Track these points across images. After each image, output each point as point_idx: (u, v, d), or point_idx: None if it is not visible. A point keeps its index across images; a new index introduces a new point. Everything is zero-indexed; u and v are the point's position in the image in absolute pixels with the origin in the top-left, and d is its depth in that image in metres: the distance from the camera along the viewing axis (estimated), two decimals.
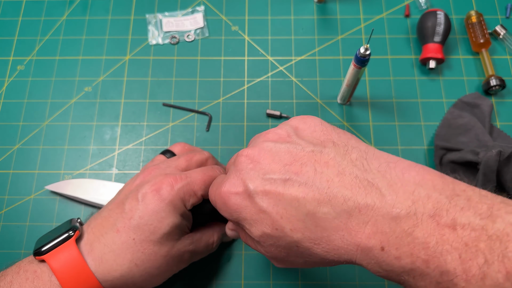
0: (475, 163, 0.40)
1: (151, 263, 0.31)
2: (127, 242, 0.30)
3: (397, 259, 0.21)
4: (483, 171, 0.38)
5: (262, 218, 0.25)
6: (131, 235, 0.30)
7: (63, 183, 0.43)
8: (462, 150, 0.41)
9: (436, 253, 0.20)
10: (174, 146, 0.40)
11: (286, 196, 0.24)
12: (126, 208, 0.31)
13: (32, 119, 0.47)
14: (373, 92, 0.48)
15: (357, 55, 0.37)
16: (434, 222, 0.20)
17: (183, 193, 0.32)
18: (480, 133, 0.42)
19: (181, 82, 0.49)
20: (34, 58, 0.50)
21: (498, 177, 0.39)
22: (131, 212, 0.31)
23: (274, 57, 0.50)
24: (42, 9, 0.53)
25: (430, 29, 0.47)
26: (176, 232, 0.32)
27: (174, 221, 0.31)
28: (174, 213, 0.31)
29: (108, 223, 0.31)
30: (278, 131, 0.28)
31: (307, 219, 0.23)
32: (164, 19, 0.52)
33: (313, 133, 0.27)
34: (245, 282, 0.40)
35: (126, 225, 0.30)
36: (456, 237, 0.19)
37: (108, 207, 0.33)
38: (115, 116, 0.47)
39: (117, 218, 0.31)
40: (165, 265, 0.32)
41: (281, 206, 0.24)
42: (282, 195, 0.24)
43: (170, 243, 0.32)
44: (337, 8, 0.52)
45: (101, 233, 0.31)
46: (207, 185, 0.33)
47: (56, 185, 0.43)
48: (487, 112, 0.45)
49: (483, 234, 0.19)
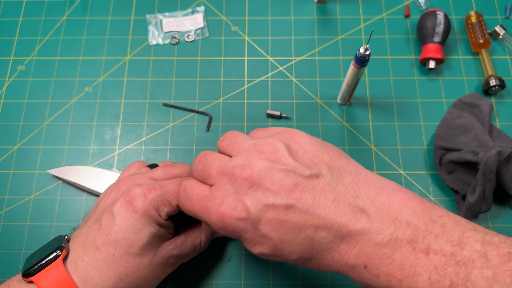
0: (474, 163, 0.40)
1: (135, 274, 0.31)
2: (108, 258, 0.30)
3: (376, 277, 0.24)
4: (483, 171, 0.38)
5: (263, 241, 0.26)
6: (110, 251, 0.30)
7: (65, 168, 0.43)
8: (462, 150, 0.42)
9: (409, 274, 0.23)
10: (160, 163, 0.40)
11: (288, 224, 0.25)
12: (103, 224, 0.31)
13: (32, 119, 0.47)
14: (373, 92, 0.48)
15: (357, 55, 0.37)
16: (411, 247, 0.23)
17: (157, 202, 0.31)
18: (479, 133, 0.43)
19: (181, 82, 0.49)
20: (35, 58, 0.50)
21: (498, 177, 0.39)
22: (108, 227, 0.31)
23: (274, 57, 0.50)
24: (42, 9, 0.53)
25: (429, 29, 0.47)
26: (156, 241, 0.32)
27: (151, 231, 0.31)
28: (150, 223, 0.31)
29: (88, 241, 0.31)
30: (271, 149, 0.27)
31: (304, 243, 0.25)
32: (164, 19, 0.52)
33: (306, 154, 0.28)
34: (245, 282, 0.40)
35: (104, 241, 0.30)
36: (428, 261, 0.22)
37: (87, 223, 0.32)
38: (115, 116, 0.47)
39: (95, 235, 0.31)
40: (150, 274, 0.32)
41: (282, 232, 0.26)
42: (284, 222, 0.25)
43: (151, 252, 0.32)
44: (337, 8, 0.52)
45: (83, 251, 0.30)
46: None
47: (58, 170, 0.43)
48: (487, 112, 0.45)
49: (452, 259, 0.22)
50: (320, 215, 0.25)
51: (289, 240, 0.26)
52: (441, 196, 0.43)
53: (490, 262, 0.21)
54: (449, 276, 0.21)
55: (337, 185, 0.26)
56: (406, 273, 0.23)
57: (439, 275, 0.22)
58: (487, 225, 0.42)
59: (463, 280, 0.21)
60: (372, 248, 0.24)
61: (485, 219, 0.42)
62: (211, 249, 0.41)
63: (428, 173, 0.44)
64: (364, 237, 0.24)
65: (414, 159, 0.45)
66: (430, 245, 0.23)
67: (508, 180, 0.39)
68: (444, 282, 0.21)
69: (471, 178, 0.41)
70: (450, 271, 0.22)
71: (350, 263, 0.25)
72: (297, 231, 0.25)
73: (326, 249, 0.25)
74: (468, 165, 0.41)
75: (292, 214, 0.25)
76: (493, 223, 0.42)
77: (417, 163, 0.45)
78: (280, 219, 0.25)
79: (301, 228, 0.25)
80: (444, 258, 0.22)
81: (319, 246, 0.25)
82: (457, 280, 0.21)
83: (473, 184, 0.40)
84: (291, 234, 0.25)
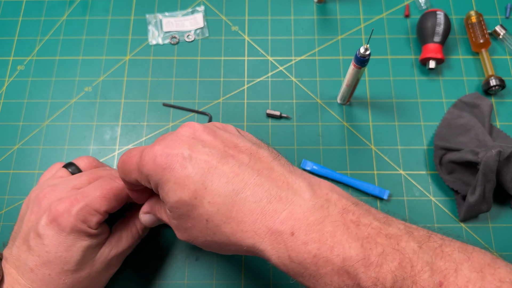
0: (475, 163, 0.40)
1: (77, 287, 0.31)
2: (45, 278, 0.29)
3: (304, 244, 0.22)
4: (483, 171, 0.38)
5: (186, 183, 0.24)
6: (45, 272, 0.29)
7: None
8: (462, 150, 0.42)
9: (342, 240, 0.22)
10: (80, 159, 0.37)
11: (218, 171, 0.24)
12: (31, 246, 0.30)
13: (32, 119, 0.47)
14: (373, 92, 0.48)
15: (357, 55, 0.37)
16: (342, 217, 0.23)
17: (83, 215, 0.30)
18: (479, 133, 0.43)
19: (181, 82, 0.49)
20: (34, 58, 0.50)
21: (498, 177, 0.39)
22: (37, 248, 0.30)
23: (274, 57, 0.50)
24: (42, 9, 0.53)
25: (430, 29, 0.47)
26: (90, 252, 0.31)
27: (83, 245, 0.30)
28: (80, 237, 0.30)
29: (21, 263, 0.30)
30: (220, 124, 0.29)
31: (227, 197, 0.24)
32: (164, 19, 0.52)
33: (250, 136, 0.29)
34: (245, 282, 0.40)
35: (37, 263, 0.29)
36: (360, 230, 0.23)
37: (15, 243, 0.31)
38: (115, 116, 0.47)
39: (26, 257, 0.30)
40: (95, 281, 0.32)
41: (209, 178, 0.24)
42: (214, 168, 0.24)
43: (88, 263, 0.31)
44: (337, 8, 0.52)
45: (18, 274, 0.30)
46: (109, 200, 0.31)
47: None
48: (487, 112, 0.45)
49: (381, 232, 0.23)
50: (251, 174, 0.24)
51: (213, 189, 0.24)
52: (441, 196, 0.43)
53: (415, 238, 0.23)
54: (381, 245, 0.22)
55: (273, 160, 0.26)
56: (337, 240, 0.22)
57: (371, 243, 0.22)
58: (487, 225, 0.42)
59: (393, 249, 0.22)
60: (303, 213, 0.23)
61: (485, 219, 0.42)
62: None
63: (428, 173, 0.44)
64: (294, 203, 0.23)
65: (414, 159, 0.45)
66: (360, 219, 0.23)
67: (508, 180, 0.39)
68: (376, 249, 0.22)
69: (471, 178, 0.41)
70: (381, 241, 0.22)
71: (274, 229, 0.23)
72: (225, 181, 0.24)
73: (248, 209, 0.23)
74: (468, 165, 0.41)
75: (224, 164, 0.24)
76: (493, 223, 0.42)
77: (417, 163, 0.45)
78: (212, 164, 0.24)
79: (229, 179, 0.24)
80: (374, 231, 0.23)
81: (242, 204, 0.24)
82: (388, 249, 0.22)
83: (473, 184, 0.40)
84: (217, 183, 0.24)
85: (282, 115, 0.47)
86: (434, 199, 0.43)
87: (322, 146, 0.45)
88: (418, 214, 0.42)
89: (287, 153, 0.45)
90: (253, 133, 0.46)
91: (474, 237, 0.41)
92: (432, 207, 0.43)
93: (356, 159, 0.45)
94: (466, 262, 0.21)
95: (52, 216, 0.30)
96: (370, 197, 0.43)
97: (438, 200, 0.43)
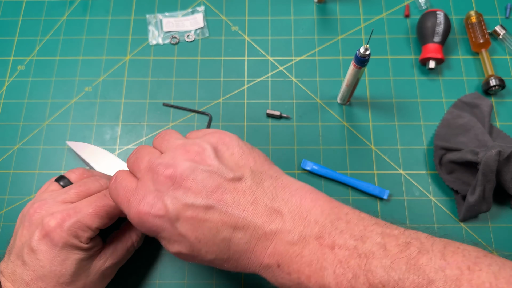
0: (474, 163, 0.40)
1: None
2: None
3: (288, 275, 0.25)
4: (483, 171, 0.38)
5: (181, 240, 0.26)
6: (41, 285, 0.30)
7: (82, 144, 0.44)
8: (462, 150, 0.42)
9: (316, 269, 0.24)
10: (71, 172, 0.37)
11: (207, 224, 0.26)
12: (26, 261, 0.30)
13: (32, 119, 0.47)
14: (373, 92, 0.48)
15: (357, 55, 0.37)
16: (318, 243, 0.24)
17: (75, 230, 0.31)
18: (479, 133, 0.43)
19: (181, 82, 0.49)
20: (35, 58, 0.50)
21: (498, 177, 0.39)
22: (31, 263, 0.30)
23: (274, 57, 0.50)
24: (42, 9, 0.53)
25: (429, 29, 0.47)
26: (84, 264, 0.32)
27: (76, 258, 0.31)
28: (73, 251, 0.31)
29: (16, 278, 0.31)
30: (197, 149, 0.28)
31: (222, 244, 0.26)
32: (164, 19, 0.52)
33: (232, 156, 0.28)
34: (245, 282, 0.40)
35: (32, 277, 0.30)
36: (333, 255, 0.24)
37: (10, 258, 0.32)
38: (116, 116, 0.47)
39: (22, 272, 0.30)
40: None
41: (200, 232, 0.26)
42: (203, 222, 0.26)
43: (83, 275, 0.32)
44: (337, 8, 0.52)
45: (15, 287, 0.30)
46: (101, 217, 0.32)
47: (75, 144, 0.44)
48: (487, 112, 0.45)
49: (355, 253, 0.23)
50: (238, 216, 0.26)
51: (207, 241, 0.26)
52: (441, 196, 0.43)
53: (389, 252, 0.23)
54: (352, 269, 0.23)
55: (256, 188, 0.27)
56: (313, 268, 0.24)
57: (343, 268, 0.23)
58: (487, 225, 0.42)
59: (364, 271, 0.23)
60: (284, 247, 0.25)
61: (485, 219, 0.42)
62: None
63: (428, 173, 0.44)
64: (277, 237, 0.25)
65: (414, 159, 0.45)
66: (335, 240, 0.24)
67: (508, 180, 0.39)
68: (347, 274, 0.23)
69: (471, 178, 0.41)
70: (353, 264, 0.23)
71: (264, 263, 0.26)
72: (215, 231, 0.26)
73: (242, 250, 0.26)
74: (468, 165, 0.41)
75: (211, 215, 0.25)
76: (493, 223, 0.42)
77: (417, 163, 0.45)
78: (199, 218, 0.25)
79: (219, 228, 0.25)
80: (347, 252, 0.24)
81: (236, 247, 0.26)
82: (359, 272, 0.23)
83: (473, 184, 0.40)
84: (209, 234, 0.26)
85: (282, 115, 0.47)
86: (434, 199, 0.43)
87: (322, 146, 0.45)
88: (418, 214, 0.42)
89: (287, 153, 0.45)
90: (253, 133, 0.46)
91: (474, 237, 0.41)
92: (432, 207, 0.43)
93: (356, 159, 0.45)
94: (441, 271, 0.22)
95: (44, 231, 0.30)
96: (370, 197, 0.43)
97: (438, 200, 0.43)
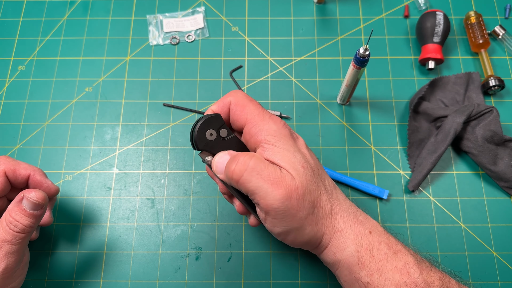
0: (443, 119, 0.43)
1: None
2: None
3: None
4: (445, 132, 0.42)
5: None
6: None
7: None
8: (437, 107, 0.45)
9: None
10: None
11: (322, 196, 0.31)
12: None
13: (33, 119, 0.47)
14: (372, 93, 0.48)
15: (356, 56, 0.38)
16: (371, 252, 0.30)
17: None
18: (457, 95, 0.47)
19: (181, 82, 0.49)
20: (35, 59, 0.50)
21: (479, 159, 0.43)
22: None
23: (274, 57, 0.50)
24: (43, 10, 0.53)
25: (429, 30, 0.47)
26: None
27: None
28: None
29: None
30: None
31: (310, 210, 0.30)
32: (165, 20, 0.52)
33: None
34: (245, 282, 0.40)
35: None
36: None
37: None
38: (116, 116, 0.47)
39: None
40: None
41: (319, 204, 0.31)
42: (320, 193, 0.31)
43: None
44: (337, 8, 0.52)
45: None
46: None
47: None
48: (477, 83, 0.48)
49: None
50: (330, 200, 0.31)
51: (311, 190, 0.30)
52: (440, 196, 0.43)
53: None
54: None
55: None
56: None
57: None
58: (487, 225, 0.42)
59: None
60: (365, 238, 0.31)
61: (485, 219, 0.42)
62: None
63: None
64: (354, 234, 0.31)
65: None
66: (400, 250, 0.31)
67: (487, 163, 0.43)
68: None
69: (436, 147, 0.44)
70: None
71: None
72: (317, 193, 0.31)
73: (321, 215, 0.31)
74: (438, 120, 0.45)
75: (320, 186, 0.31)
76: (493, 223, 0.42)
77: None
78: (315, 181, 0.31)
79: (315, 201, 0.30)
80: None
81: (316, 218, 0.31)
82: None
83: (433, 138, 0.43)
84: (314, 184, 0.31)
85: (282, 115, 0.47)
86: (433, 199, 0.43)
87: (322, 146, 0.46)
88: (418, 214, 0.42)
89: None
90: None
91: (474, 237, 0.42)
92: (432, 207, 0.43)
93: (355, 159, 0.45)
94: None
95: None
96: (369, 197, 0.43)
97: (437, 200, 0.43)
